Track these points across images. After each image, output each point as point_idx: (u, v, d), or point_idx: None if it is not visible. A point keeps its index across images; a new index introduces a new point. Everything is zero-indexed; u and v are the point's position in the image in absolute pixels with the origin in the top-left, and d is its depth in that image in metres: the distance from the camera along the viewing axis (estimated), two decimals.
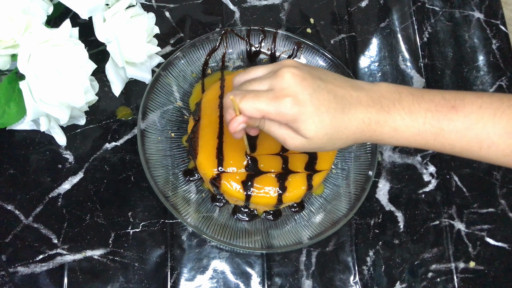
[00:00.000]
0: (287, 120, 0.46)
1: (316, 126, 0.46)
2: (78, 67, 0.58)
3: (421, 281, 0.65)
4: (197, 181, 0.66)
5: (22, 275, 0.60)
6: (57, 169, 0.65)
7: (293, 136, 0.47)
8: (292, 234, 0.63)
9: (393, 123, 0.47)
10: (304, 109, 0.45)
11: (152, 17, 0.64)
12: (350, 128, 0.47)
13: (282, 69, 0.46)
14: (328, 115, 0.46)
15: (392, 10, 0.79)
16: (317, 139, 0.46)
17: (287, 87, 0.45)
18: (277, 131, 0.47)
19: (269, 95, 0.46)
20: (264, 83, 0.47)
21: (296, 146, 0.47)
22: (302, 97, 0.45)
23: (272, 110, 0.45)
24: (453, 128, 0.46)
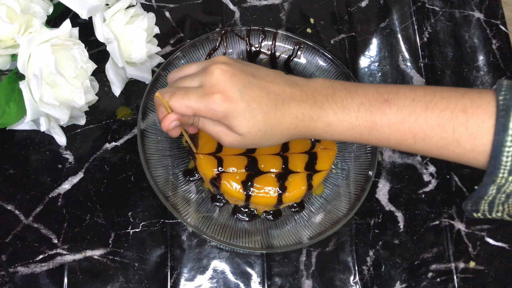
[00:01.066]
0: (218, 117, 0.46)
1: (248, 123, 0.46)
2: (78, 67, 0.58)
3: (421, 281, 0.65)
4: (197, 181, 0.66)
5: (22, 275, 0.60)
6: (57, 169, 0.65)
7: (228, 133, 0.47)
8: (292, 234, 0.63)
9: (326, 118, 0.47)
10: (234, 105, 0.45)
11: (152, 17, 0.64)
12: (284, 123, 0.47)
13: (212, 65, 0.46)
14: (260, 111, 0.46)
15: (392, 10, 0.79)
16: (250, 136, 0.46)
17: (216, 84, 0.45)
18: (211, 128, 0.48)
19: (198, 92, 0.46)
20: (195, 80, 0.47)
21: (231, 143, 0.47)
22: (231, 94, 0.45)
23: (202, 107, 0.45)
24: (386, 121, 0.46)
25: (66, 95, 0.57)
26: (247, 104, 0.45)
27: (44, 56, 0.55)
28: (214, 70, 0.46)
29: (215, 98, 0.45)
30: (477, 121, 0.44)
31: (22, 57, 0.54)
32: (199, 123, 0.48)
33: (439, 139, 0.45)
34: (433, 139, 0.46)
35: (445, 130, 0.45)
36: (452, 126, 0.44)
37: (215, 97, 0.45)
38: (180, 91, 0.46)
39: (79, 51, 0.58)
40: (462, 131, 0.44)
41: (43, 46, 0.55)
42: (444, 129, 0.45)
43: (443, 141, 0.45)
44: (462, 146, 0.45)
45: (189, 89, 0.46)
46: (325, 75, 0.71)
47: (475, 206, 0.47)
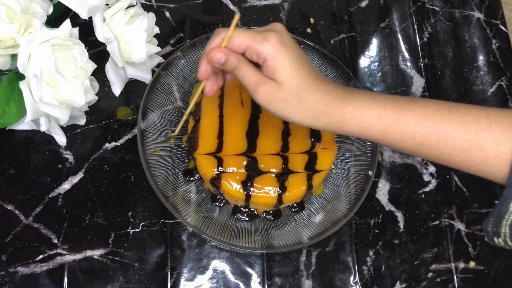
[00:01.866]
0: (268, 53, 0.46)
1: (291, 70, 0.47)
2: (78, 67, 0.58)
3: (421, 281, 0.65)
4: (197, 181, 0.66)
5: (22, 275, 0.60)
6: (57, 169, 0.65)
7: (266, 81, 0.47)
8: (292, 234, 0.63)
9: (356, 103, 0.48)
10: (284, 49, 0.47)
11: (152, 17, 0.64)
12: (319, 93, 0.48)
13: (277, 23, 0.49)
14: (303, 69, 0.47)
15: (392, 10, 0.79)
16: (287, 86, 0.47)
17: (275, 29, 0.48)
18: (252, 75, 0.48)
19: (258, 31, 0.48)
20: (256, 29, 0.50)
21: (265, 92, 0.47)
22: (286, 40, 0.47)
23: (257, 40, 0.46)
24: (411, 115, 0.47)
25: (66, 95, 0.57)
26: (295, 56, 0.47)
27: (44, 56, 0.55)
28: (276, 23, 0.49)
29: (272, 35, 0.47)
30: (500, 127, 0.44)
31: (22, 57, 0.54)
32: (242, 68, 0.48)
33: (462, 141, 0.45)
34: (456, 140, 0.46)
35: (468, 132, 0.45)
36: (475, 129, 0.45)
37: (272, 34, 0.47)
38: (242, 29, 0.48)
39: (79, 51, 0.58)
40: (485, 136, 0.44)
41: (43, 46, 0.55)
42: (467, 131, 0.45)
43: (466, 144, 0.45)
44: (485, 152, 0.45)
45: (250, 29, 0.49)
46: (325, 75, 0.71)
47: (495, 228, 0.46)
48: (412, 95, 0.74)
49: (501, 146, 0.44)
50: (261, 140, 0.62)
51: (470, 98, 0.75)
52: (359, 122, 0.48)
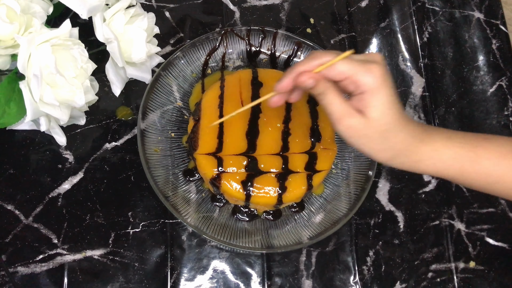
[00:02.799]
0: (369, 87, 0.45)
1: (385, 109, 0.46)
2: (78, 67, 0.58)
3: (421, 281, 0.65)
4: (197, 181, 0.66)
5: (22, 275, 0.60)
6: (57, 169, 0.65)
7: (353, 114, 0.46)
8: (292, 234, 0.63)
9: (434, 144, 0.48)
10: (385, 86, 0.46)
11: (152, 17, 0.64)
12: (401, 133, 0.47)
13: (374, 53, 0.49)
14: (396, 108, 0.47)
15: (392, 10, 0.79)
16: (377, 124, 0.46)
17: (379, 62, 0.46)
18: (339, 105, 0.47)
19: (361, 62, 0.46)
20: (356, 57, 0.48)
21: (350, 125, 0.47)
22: (387, 77, 0.46)
23: (361, 73, 0.45)
24: (487, 154, 0.48)
25: (66, 95, 0.57)
26: (392, 94, 0.46)
27: (44, 56, 0.55)
28: (377, 54, 0.48)
29: (376, 69, 0.45)
30: None
31: (22, 57, 0.54)
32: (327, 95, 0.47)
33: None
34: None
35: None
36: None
37: (377, 68, 0.45)
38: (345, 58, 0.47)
39: (79, 51, 0.58)
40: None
41: (43, 46, 0.55)
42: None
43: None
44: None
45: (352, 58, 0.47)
46: None
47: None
48: (412, 95, 0.74)
49: None
50: (261, 140, 0.62)
51: (470, 98, 0.75)
52: (435, 162, 0.49)
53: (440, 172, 0.49)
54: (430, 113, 0.73)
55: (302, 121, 0.64)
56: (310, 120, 0.64)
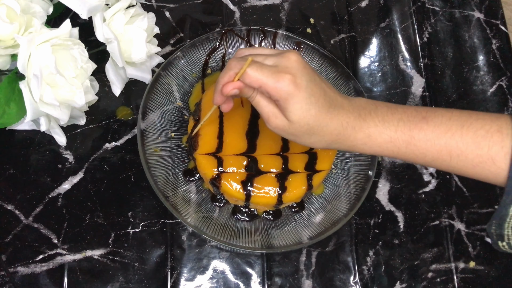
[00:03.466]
0: (280, 96, 0.47)
1: (302, 113, 0.48)
2: (78, 67, 0.58)
3: (421, 281, 0.65)
4: (197, 181, 0.66)
5: (22, 275, 0.60)
6: (57, 169, 0.65)
7: (278, 115, 0.49)
8: (292, 234, 0.63)
9: (367, 130, 0.49)
10: (298, 91, 0.47)
11: (152, 17, 0.64)
12: (329, 127, 0.49)
13: (289, 52, 0.49)
14: (315, 107, 0.48)
15: (392, 10, 0.79)
16: (298, 125, 0.48)
17: (290, 67, 0.48)
18: (264, 107, 0.49)
19: (272, 69, 0.48)
20: (270, 60, 0.49)
21: (276, 126, 0.49)
22: (299, 81, 0.47)
23: (270, 83, 0.47)
24: (423, 136, 0.48)
25: (66, 95, 0.57)
26: (308, 96, 0.48)
27: (44, 56, 0.55)
28: (291, 55, 0.49)
29: (285, 78, 0.47)
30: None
31: (22, 57, 0.54)
32: (255, 98, 0.50)
33: (474, 156, 0.47)
34: (468, 156, 0.47)
35: (480, 148, 0.46)
36: (488, 144, 0.46)
37: (286, 77, 0.47)
38: (256, 64, 0.48)
39: (79, 51, 0.58)
40: (497, 150, 0.46)
41: (43, 46, 0.55)
42: (479, 146, 0.46)
43: (478, 159, 0.47)
44: (497, 164, 0.46)
45: (264, 65, 0.49)
46: (325, 75, 0.71)
47: (499, 230, 0.48)
48: (412, 95, 0.74)
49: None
50: (261, 140, 0.62)
51: (470, 98, 0.75)
52: (370, 146, 0.50)
53: (377, 153, 0.51)
54: None
55: None
56: None
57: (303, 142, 0.51)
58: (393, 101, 0.73)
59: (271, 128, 0.50)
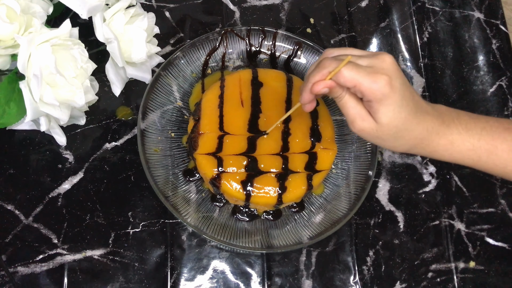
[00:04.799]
0: (375, 96, 0.47)
1: (393, 114, 0.47)
2: (78, 67, 0.58)
3: (421, 281, 0.65)
4: (197, 181, 0.66)
5: (22, 275, 0.60)
6: (57, 169, 0.65)
7: (365, 117, 0.49)
8: (292, 234, 0.63)
9: (450, 136, 0.50)
10: (392, 93, 0.47)
11: (152, 17, 0.64)
12: (415, 131, 0.49)
13: (384, 54, 0.49)
14: (405, 110, 0.48)
15: (392, 10, 0.79)
16: (386, 128, 0.48)
17: (386, 69, 0.47)
18: (352, 108, 0.49)
19: (367, 69, 0.47)
20: (363, 60, 0.49)
21: (362, 128, 0.49)
22: (394, 83, 0.47)
23: (366, 83, 0.47)
24: (506, 147, 0.49)
25: (66, 95, 0.57)
26: (400, 98, 0.47)
27: (44, 56, 0.55)
28: (386, 57, 0.48)
29: (382, 79, 0.46)
30: None
31: (22, 57, 0.54)
32: (343, 98, 0.49)
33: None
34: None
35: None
36: None
37: (383, 78, 0.47)
38: (352, 64, 0.48)
39: (79, 51, 0.58)
40: None
41: (43, 46, 0.55)
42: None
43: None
44: None
45: (359, 65, 0.48)
46: None
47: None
48: None
49: None
50: (261, 140, 0.62)
51: (470, 98, 0.75)
52: (451, 153, 0.51)
53: (457, 161, 0.51)
54: None
55: (302, 121, 0.64)
56: (310, 120, 0.64)
57: (387, 146, 0.51)
58: None
59: (356, 130, 0.49)
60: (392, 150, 0.51)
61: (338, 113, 0.70)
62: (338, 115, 0.70)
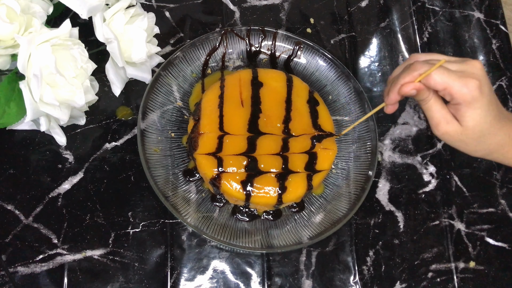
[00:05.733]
0: (464, 100, 0.48)
1: (480, 118, 0.49)
2: (78, 67, 0.58)
3: (421, 281, 0.65)
4: (197, 181, 0.66)
5: (22, 275, 0.60)
6: (57, 169, 0.65)
7: (450, 121, 0.50)
8: (292, 234, 0.63)
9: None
10: (481, 97, 0.48)
11: (152, 17, 0.64)
12: (497, 136, 0.51)
13: (474, 60, 0.50)
14: (491, 115, 0.49)
15: (392, 10, 0.79)
16: (471, 132, 0.50)
17: (476, 74, 0.49)
18: (437, 111, 0.50)
19: (458, 73, 0.49)
20: (453, 65, 0.50)
21: (446, 131, 0.50)
22: (484, 88, 0.49)
23: (457, 86, 0.48)
24: None
25: (66, 95, 0.57)
26: (488, 103, 0.49)
27: (44, 56, 0.55)
28: (476, 63, 0.50)
29: (472, 83, 0.48)
30: None
31: (22, 57, 0.54)
32: (429, 101, 0.50)
33: None
34: None
35: None
36: None
37: (473, 82, 0.48)
38: (443, 68, 0.49)
39: (79, 51, 0.58)
40: None
41: (43, 46, 0.55)
42: None
43: None
44: None
45: (449, 69, 0.49)
46: (325, 75, 0.71)
47: None
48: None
49: None
50: (261, 140, 0.62)
51: None
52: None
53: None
54: None
55: (302, 121, 0.64)
56: (310, 120, 0.64)
57: (468, 149, 0.52)
58: None
59: (440, 134, 0.51)
60: (471, 154, 0.53)
61: (338, 113, 0.70)
62: (338, 115, 0.70)
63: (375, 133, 0.68)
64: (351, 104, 0.70)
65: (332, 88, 0.71)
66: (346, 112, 0.70)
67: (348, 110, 0.70)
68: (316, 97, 0.66)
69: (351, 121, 0.70)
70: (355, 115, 0.70)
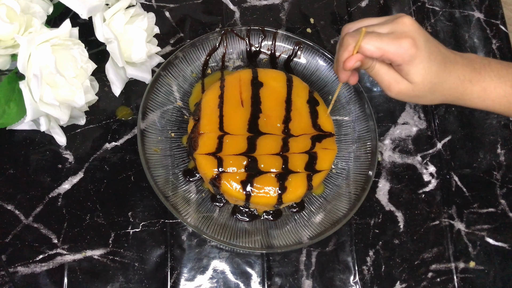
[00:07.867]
0: (403, 60, 0.49)
1: (425, 72, 0.49)
2: (78, 67, 0.58)
3: (421, 281, 0.65)
4: (197, 181, 0.66)
5: (22, 275, 0.60)
6: (57, 169, 0.65)
7: (399, 80, 0.51)
8: (292, 234, 0.63)
9: (483, 83, 0.51)
10: (419, 52, 0.49)
11: (152, 17, 0.64)
12: (448, 82, 0.51)
13: (402, 16, 0.50)
14: (435, 64, 0.50)
15: (392, 10, 0.79)
16: (421, 86, 0.50)
17: (407, 31, 0.49)
18: (385, 75, 0.51)
19: (390, 36, 0.49)
20: (384, 28, 0.50)
21: (399, 91, 0.51)
22: (419, 42, 0.49)
23: (392, 49, 0.48)
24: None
25: (66, 95, 0.57)
26: (428, 55, 0.49)
27: (44, 56, 0.55)
28: (404, 19, 0.50)
29: (405, 42, 0.48)
30: None
31: (22, 57, 0.54)
32: (374, 67, 0.51)
33: None
34: None
35: None
36: None
37: (406, 41, 0.48)
38: (373, 34, 0.49)
39: (79, 51, 0.58)
40: None
41: (43, 46, 0.55)
42: None
43: None
44: None
45: (381, 33, 0.50)
46: (325, 75, 0.71)
47: None
48: None
49: None
50: (261, 140, 0.62)
51: None
52: (483, 100, 0.52)
53: (489, 107, 0.53)
54: (430, 113, 0.73)
55: (302, 121, 0.64)
56: (310, 120, 0.64)
57: (424, 101, 0.52)
58: (392, 101, 0.73)
59: (393, 94, 0.51)
60: (430, 103, 0.53)
61: (338, 113, 0.70)
62: (338, 115, 0.70)
63: (375, 133, 0.68)
64: (351, 104, 0.70)
65: (332, 88, 0.71)
66: (346, 112, 0.70)
67: (348, 110, 0.70)
68: (316, 97, 0.66)
69: (351, 121, 0.70)
70: (355, 115, 0.70)
